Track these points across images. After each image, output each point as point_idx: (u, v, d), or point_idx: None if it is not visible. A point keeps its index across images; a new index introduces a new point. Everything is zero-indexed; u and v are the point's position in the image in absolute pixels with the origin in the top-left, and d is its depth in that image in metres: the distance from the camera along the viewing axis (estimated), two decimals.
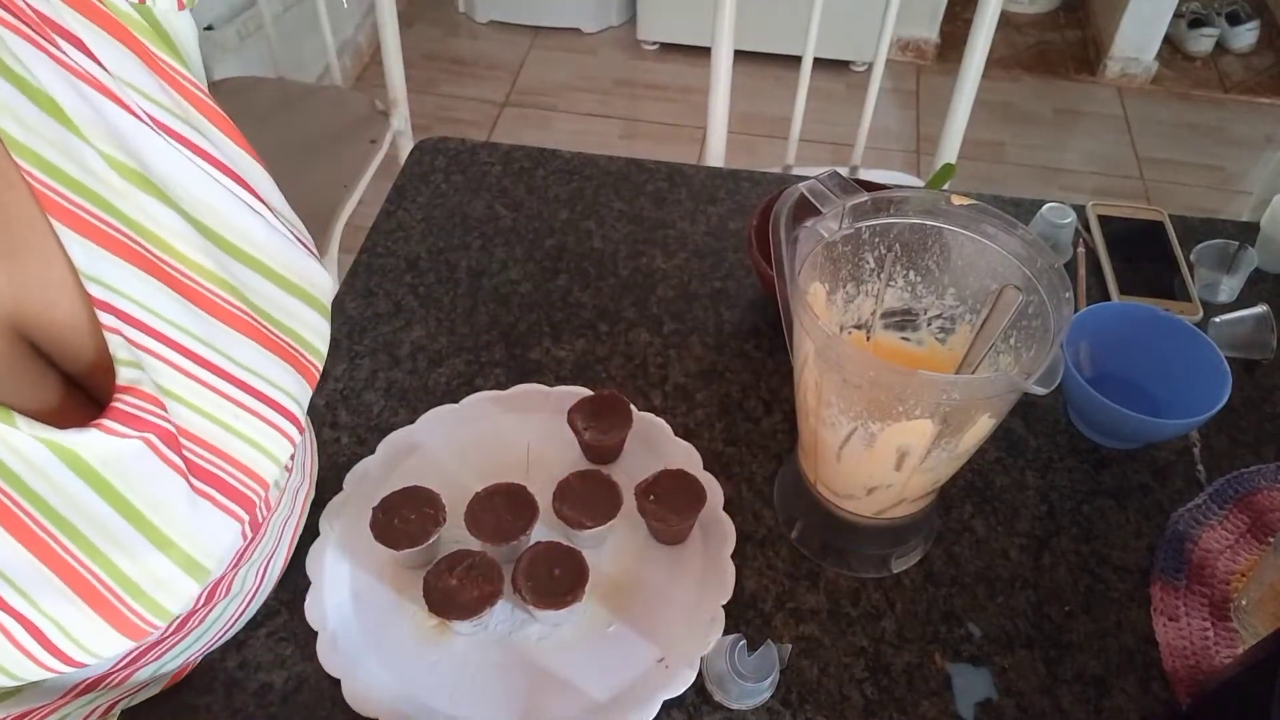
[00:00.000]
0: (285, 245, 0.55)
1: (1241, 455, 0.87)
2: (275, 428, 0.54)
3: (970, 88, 1.41)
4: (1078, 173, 2.66)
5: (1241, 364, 0.94)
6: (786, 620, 0.75)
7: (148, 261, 0.48)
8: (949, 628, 0.75)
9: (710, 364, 0.93)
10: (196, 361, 0.50)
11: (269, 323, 0.54)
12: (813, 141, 2.54)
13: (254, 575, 0.69)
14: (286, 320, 0.55)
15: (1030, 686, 0.72)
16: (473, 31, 3.04)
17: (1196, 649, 0.73)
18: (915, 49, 2.97)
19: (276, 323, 0.55)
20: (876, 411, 0.64)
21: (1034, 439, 0.88)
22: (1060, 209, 1.03)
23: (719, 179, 1.14)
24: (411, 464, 0.82)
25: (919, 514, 0.76)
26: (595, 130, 2.72)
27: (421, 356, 0.93)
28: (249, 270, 0.53)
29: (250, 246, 0.53)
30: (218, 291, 0.51)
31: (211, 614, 0.65)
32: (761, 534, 0.80)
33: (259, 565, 0.69)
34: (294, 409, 0.55)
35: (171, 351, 0.49)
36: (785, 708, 0.70)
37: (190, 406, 0.50)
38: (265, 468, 0.54)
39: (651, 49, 2.98)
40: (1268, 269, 1.04)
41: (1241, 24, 3.02)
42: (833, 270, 0.70)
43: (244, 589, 0.68)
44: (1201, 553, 0.79)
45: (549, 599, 0.69)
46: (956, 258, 0.69)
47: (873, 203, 0.68)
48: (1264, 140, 2.79)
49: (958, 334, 0.73)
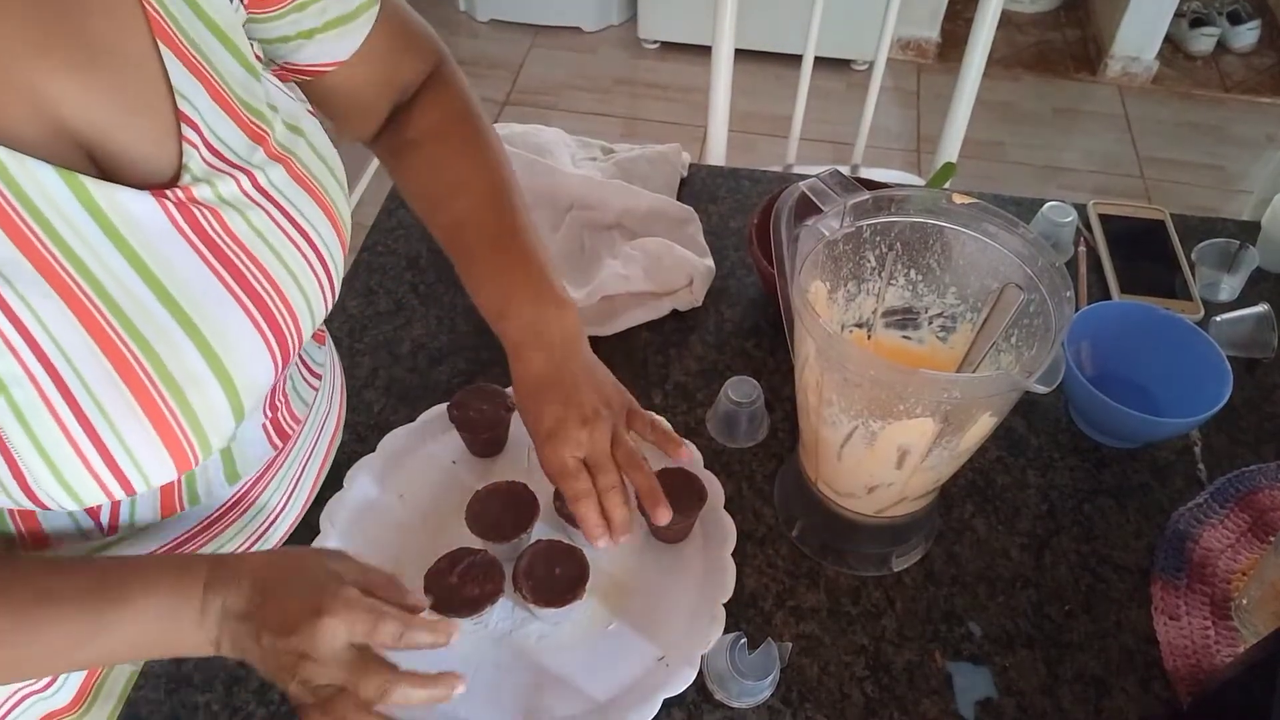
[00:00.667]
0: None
1: (1242, 454, 0.87)
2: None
3: (971, 87, 1.41)
4: (1078, 172, 2.66)
5: (1242, 363, 0.94)
6: (787, 619, 0.75)
7: (226, 101, 0.56)
8: (949, 626, 0.75)
9: (711, 363, 0.93)
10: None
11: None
12: (813, 140, 2.54)
13: (279, 495, 0.73)
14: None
15: (1031, 685, 0.71)
16: (473, 30, 3.04)
17: (1197, 648, 0.73)
18: (916, 48, 2.97)
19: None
20: (877, 410, 0.64)
21: (1035, 438, 0.88)
22: (1061, 208, 1.03)
23: (720, 177, 1.14)
24: (412, 462, 0.82)
25: (920, 513, 0.76)
26: (596, 129, 2.72)
27: (422, 354, 0.93)
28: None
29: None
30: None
31: (241, 519, 0.70)
32: (762, 532, 0.80)
33: (286, 485, 0.73)
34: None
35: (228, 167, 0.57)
36: (786, 706, 0.70)
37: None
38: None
39: (652, 48, 2.98)
40: (1268, 268, 1.04)
41: (1242, 23, 3.02)
42: (834, 269, 0.70)
43: (269, 506, 0.72)
44: (1202, 552, 0.79)
45: (549, 597, 0.69)
46: (958, 256, 0.69)
47: (874, 201, 0.68)
48: (1265, 139, 2.79)
49: (959, 333, 0.72)
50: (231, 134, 0.57)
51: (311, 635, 0.53)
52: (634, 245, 0.98)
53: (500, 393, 0.81)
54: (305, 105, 0.65)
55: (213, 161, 0.55)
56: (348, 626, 0.53)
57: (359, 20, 0.66)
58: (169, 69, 0.53)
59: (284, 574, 0.57)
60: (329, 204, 0.63)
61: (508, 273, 0.71)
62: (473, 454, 0.82)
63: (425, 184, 0.75)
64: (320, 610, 0.53)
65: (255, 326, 0.57)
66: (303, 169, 0.61)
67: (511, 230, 0.72)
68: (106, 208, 0.51)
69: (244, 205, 0.57)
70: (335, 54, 0.66)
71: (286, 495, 0.74)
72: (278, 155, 0.59)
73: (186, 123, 0.54)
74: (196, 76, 0.55)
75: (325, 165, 0.64)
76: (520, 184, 0.75)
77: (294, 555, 0.60)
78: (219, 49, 0.56)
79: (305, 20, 0.62)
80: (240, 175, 0.57)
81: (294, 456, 0.73)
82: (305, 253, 0.61)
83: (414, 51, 0.74)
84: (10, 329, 0.48)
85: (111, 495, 0.54)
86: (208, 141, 0.55)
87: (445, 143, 0.75)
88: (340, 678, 0.53)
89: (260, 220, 0.58)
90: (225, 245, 0.56)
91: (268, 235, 0.58)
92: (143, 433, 0.53)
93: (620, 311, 0.95)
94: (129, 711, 0.69)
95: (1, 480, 0.51)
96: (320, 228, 0.62)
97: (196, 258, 0.55)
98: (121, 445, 0.52)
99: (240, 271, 0.57)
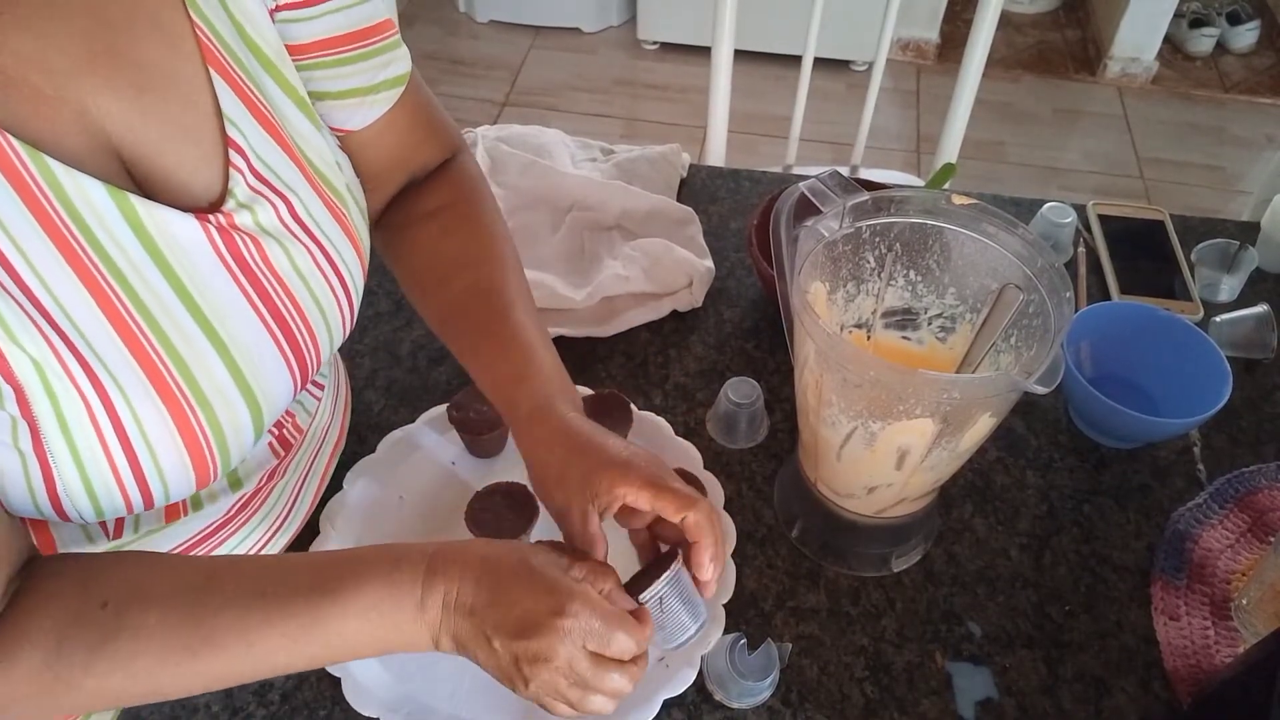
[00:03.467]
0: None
1: (1242, 455, 0.87)
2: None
3: (970, 87, 1.41)
4: (1078, 172, 2.66)
5: (1242, 363, 0.94)
6: (787, 619, 0.75)
7: (271, 126, 0.58)
8: (949, 627, 0.75)
9: (711, 363, 0.93)
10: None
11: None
12: (813, 141, 2.54)
13: (282, 504, 0.73)
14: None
15: (1031, 686, 0.71)
16: (473, 31, 3.04)
17: (1197, 648, 0.73)
18: (916, 49, 2.97)
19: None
20: (877, 411, 0.64)
21: (1034, 438, 0.88)
22: (1061, 208, 1.03)
23: (719, 178, 1.14)
24: (412, 463, 0.82)
25: (919, 513, 0.76)
26: (595, 130, 2.72)
27: (422, 355, 0.93)
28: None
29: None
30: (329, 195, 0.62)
31: (246, 527, 0.69)
32: (762, 533, 0.80)
33: (288, 494, 0.73)
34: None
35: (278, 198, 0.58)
36: (785, 706, 0.70)
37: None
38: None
39: (652, 48, 2.98)
40: (1268, 268, 1.04)
41: (1242, 24, 3.01)
42: (833, 269, 0.70)
43: (272, 514, 0.72)
44: (1202, 552, 0.79)
45: None
46: (957, 257, 0.69)
47: (873, 202, 0.68)
48: (1264, 140, 2.79)
49: (958, 333, 0.72)
50: (276, 158, 0.58)
51: (550, 640, 0.52)
52: (634, 246, 0.99)
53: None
54: (338, 143, 0.66)
55: (257, 186, 0.56)
56: (585, 633, 0.52)
57: (379, 95, 0.66)
58: (219, 94, 0.54)
59: (513, 568, 0.54)
60: (355, 234, 0.64)
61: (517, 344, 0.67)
62: (472, 454, 0.82)
63: (429, 258, 0.72)
64: (560, 612, 0.52)
65: (278, 348, 0.58)
66: (336, 200, 0.62)
67: (510, 309, 0.68)
68: (151, 227, 0.51)
69: (285, 239, 0.58)
70: (349, 122, 0.66)
71: (289, 505, 0.74)
72: (315, 183, 0.60)
73: (234, 148, 0.55)
74: (244, 101, 0.56)
75: (353, 197, 0.65)
76: (515, 241, 0.74)
77: (518, 547, 0.57)
78: (265, 77, 0.58)
79: (326, 82, 0.63)
80: (279, 202, 0.58)
81: (296, 465, 0.73)
82: (334, 285, 0.62)
83: (434, 140, 0.75)
84: (58, 341, 0.49)
85: (132, 507, 0.55)
86: (253, 166, 0.56)
87: (454, 215, 0.73)
88: (576, 680, 0.53)
89: (302, 258, 0.59)
90: (261, 273, 0.57)
91: (305, 271, 0.60)
92: (173, 446, 0.53)
93: (620, 312, 0.95)
94: (130, 711, 0.69)
95: (33, 489, 0.51)
96: (347, 258, 0.63)
97: (230, 280, 0.56)
98: (152, 458, 0.53)
99: (271, 299, 0.58)
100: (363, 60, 0.64)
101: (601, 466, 0.59)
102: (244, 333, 0.56)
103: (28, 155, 0.47)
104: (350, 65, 0.63)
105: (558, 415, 0.62)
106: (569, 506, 0.59)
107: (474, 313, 0.68)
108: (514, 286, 0.69)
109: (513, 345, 0.66)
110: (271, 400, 0.59)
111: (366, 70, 0.64)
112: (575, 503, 0.59)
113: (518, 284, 0.70)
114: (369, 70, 0.64)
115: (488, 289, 0.68)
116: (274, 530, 0.73)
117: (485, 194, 0.75)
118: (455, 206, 0.73)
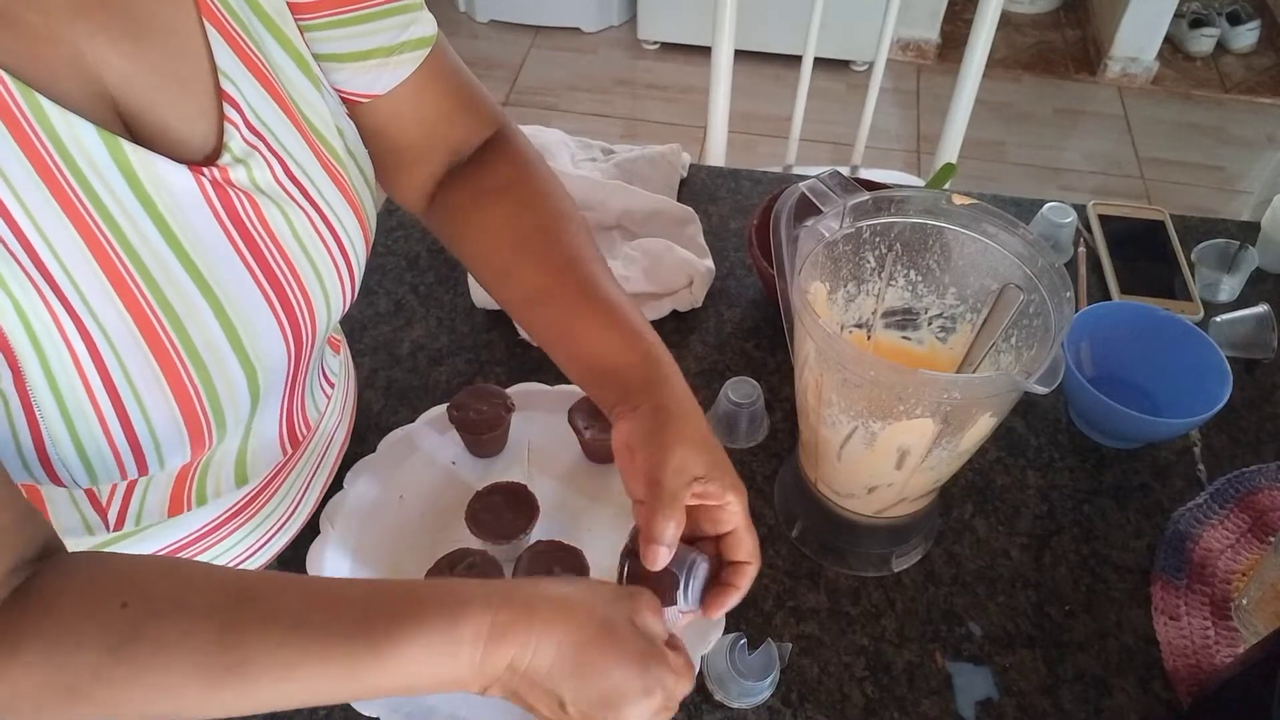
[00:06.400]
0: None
1: (1242, 455, 0.87)
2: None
3: (971, 87, 1.41)
4: (1078, 172, 2.66)
5: (1242, 363, 0.94)
6: (787, 619, 0.75)
7: (270, 84, 0.57)
8: (949, 627, 0.75)
9: (711, 363, 0.93)
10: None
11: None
12: (813, 141, 2.54)
13: (286, 503, 0.73)
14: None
15: (1031, 686, 0.71)
16: (473, 31, 3.04)
17: (1197, 648, 0.73)
18: (916, 49, 2.97)
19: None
20: (877, 411, 0.64)
21: (1035, 438, 0.88)
22: (1061, 208, 1.03)
23: (719, 178, 1.14)
24: (412, 463, 0.82)
25: (920, 513, 0.76)
26: (596, 130, 2.72)
27: (422, 355, 0.93)
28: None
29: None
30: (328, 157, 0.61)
31: (247, 525, 0.69)
32: (762, 533, 0.79)
33: (293, 494, 0.73)
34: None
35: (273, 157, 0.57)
36: (785, 706, 0.70)
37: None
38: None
39: (652, 48, 2.98)
40: (1268, 269, 1.04)
41: (1242, 24, 3.01)
42: (833, 269, 0.70)
43: (275, 513, 0.71)
44: (1202, 552, 0.79)
45: None
46: (957, 257, 0.69)
47: (873, 202, 0.68)
48: (1264, 140, 2.79)
49: (958, 333, 0.72)
50: (273, 115, 0.57)
51: (633, 712, 0.52)
52: (634, 246, 0.98)
53: (500, 393, 0.81)
54: (344, 110, 0.64)
55: (253, 141, 0.55)
56: (664, 703, 0.54)
57: (402, 56, 0.64)
58: (213, 48, 0.53)
59: (597, 638, 0.52)
60: (357, 203, 0.63)
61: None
62: (473, 454, 0.82)
63: (506, 234, 0.69)
64: (650, 691, 0.53)
65: (271, 311, 0.57)
66: (335, 163, 0.61)
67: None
68: (143, 175, 0.51)
69: (283, 201, 0.57)
70: (374, 86, 0.64)
71: (293, 504, 0.74)
72: (313, 145, 0.59)
73: (229, 102, 0.54)
74: (241, 58, 0.55)
75: (356, 163, 0.64)
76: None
77: (590, 603, 0.54)
78: (266, 35, 0.57)
79: (343, 42, 0.61)
80: (274, 161, 0.56)
81: (302, 464, 0.73)
82: (333, 251, 0.61)
83: (471, 114, 0.71)
84: (45, 286, 0.48)
85: (126, 473, 0.54)
86: (248, 121, 0.55)
87: (524, 190, 0.70)
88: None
89: (300, 221, 0.58)
90: (257, 233, 0.56)
91: (303, 236, 0.58)
92: (165, 404, 0.52)
93: None
94: None
95: (21, 448, 0.51)
96: (348, 225, 0.62)
97: (223, 235, 0.54)
98: (141, 412, 0.52)
99: (266, 260, 0.57)
100: (380, 19, 0.62)
101: (728, 473, 0.61)
102: (233, 288, 0.55)
103: (19, 92, 0.46)
104: (367, 24, 0.61)
105: (683, 391, 0.62)
106: (675, 483, 0.58)
107: (567, 288, 0.66)
108: (600, 260, 0.68)
109: (613, 315, 0.64)
110: (266, 365, 0.57)
111: (387, 29, 0.62)
112: (681, 480, 0.58)
113: (600, 257, 0.69)
114: (390, 30, 0.63)
115: (575, 258, 0.67)
116: (275, 530, 0.73)
117: (547, 169, 0.73)
118: (523, 182, 0.70)
